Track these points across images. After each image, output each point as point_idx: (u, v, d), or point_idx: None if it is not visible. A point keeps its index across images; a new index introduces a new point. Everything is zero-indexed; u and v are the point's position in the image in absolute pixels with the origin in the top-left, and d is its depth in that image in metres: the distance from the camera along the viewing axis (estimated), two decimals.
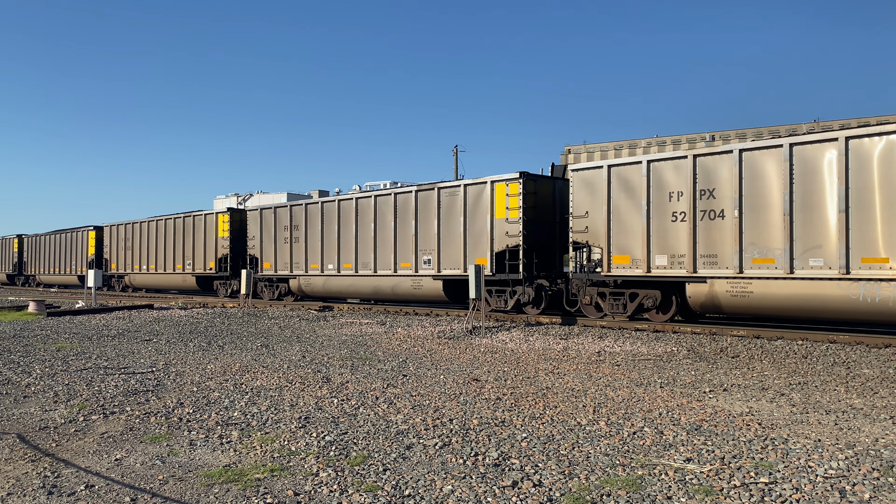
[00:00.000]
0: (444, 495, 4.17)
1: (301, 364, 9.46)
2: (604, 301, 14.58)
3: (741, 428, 5.74)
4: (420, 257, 18.25)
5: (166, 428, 5.87)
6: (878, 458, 4.80)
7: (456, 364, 9.47)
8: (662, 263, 13.38)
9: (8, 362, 9.71)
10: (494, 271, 16.33)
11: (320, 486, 4.34)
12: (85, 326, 15.12)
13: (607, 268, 14.22)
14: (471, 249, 16.91)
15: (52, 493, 4.28)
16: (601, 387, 7.69)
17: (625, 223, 13.98)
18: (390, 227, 19.12)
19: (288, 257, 22.63)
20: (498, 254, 16.33)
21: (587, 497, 4.11)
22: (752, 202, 12.24)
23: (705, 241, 12.80)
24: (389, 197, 19.25)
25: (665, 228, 13.36)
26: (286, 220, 22.80)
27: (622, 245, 14.01)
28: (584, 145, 29.73)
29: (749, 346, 10.94)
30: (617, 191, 14.09)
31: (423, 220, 18.25)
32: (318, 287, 21.62)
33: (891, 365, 9.12)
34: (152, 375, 8.56)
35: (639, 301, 13.99)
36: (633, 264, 13.82)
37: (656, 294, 13.79)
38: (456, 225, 17.34)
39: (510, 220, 16.02)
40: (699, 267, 12.86)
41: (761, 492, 4.15)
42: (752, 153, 12.25)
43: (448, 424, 5.90)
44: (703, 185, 12.86)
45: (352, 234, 20.34)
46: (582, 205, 14.72)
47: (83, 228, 35.78)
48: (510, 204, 16.03)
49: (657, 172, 13.50)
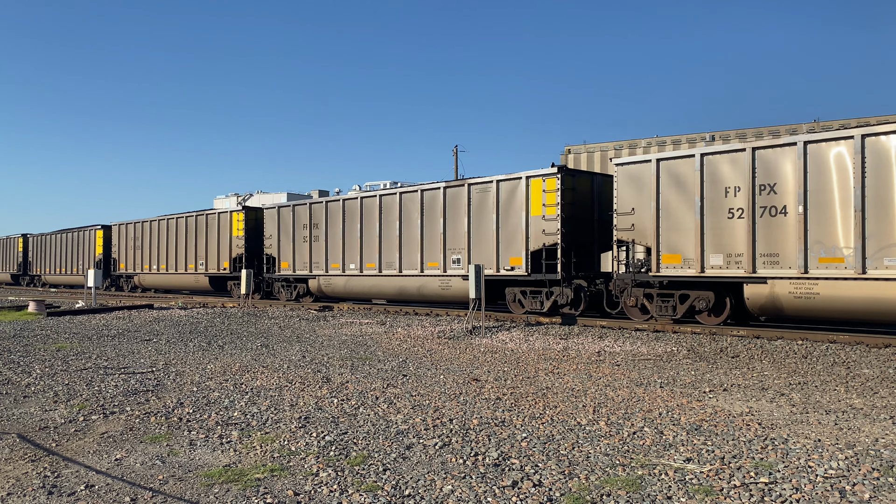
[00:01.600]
0: (444, 495, 4.17)
1: (301, 364, 9.46)
2: (650, 303, 13.85)
3: (741, 428, 5.74)
4: (449, 256, 17.54)
5: (166, 428, 5.87)
6: (878, 458, 4.80)
7: (456, 364, 9.47)
8: (717, 263, 12.63)
9: (8, 362, 9.71)
10: (530, 271, 15.62)
11: (320, 486, 4.34)
12: (85, 326, 15.12)
13: (656, 267, 13.44)
14: (504, 248, 16.20)
15: (52, 493, 4.28)
16: (601, 387, 7.69)
17: (675, 220, 13.18)
18: (416, 225, 18.38)
19: (307, 257, 21.92)
20: (533, 253, 15.62)
21: (587, 497, 4.11)
22: (818, 198, 11.47)
23: (765, 239, 12.05)
24: (416, 194, 18.47)
25: (720, 226, 12.59)
26: (305, 218, 22.10)
27: (672, 243, 13.24)
28: (584, 145, 29.71)
29: (749, 346, 10.94)
30: (666, 186, 13.30)
31: (451, 218, 17.52)
32: (339, 288, 20.94)
33: (891, 365, 9.12)
34: (152, 375, 8.56)
35: (690, 303, 13.25)
36: (685, 264, 13.05)
37: (709, 295, 13.01)
38: (487, 222, 16.63)
39: (547, 217, 15.29)
40: (759, 267, 12.10)
41: (761, 492, 4.15)
42: (818, 145, 11.53)
43: (448, 424, 5.90)
44: (763, 179, 12.10)
45: (375, 232, 19.63)
46: (627, 201, 13.92)
47: (90, 227, 35.31)
48: (547, 200, 15.29)
49: (711, 166, 12.72)
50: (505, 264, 16.17)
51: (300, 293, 22.71)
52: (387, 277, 19.30)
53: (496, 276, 16.34)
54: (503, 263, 16.20)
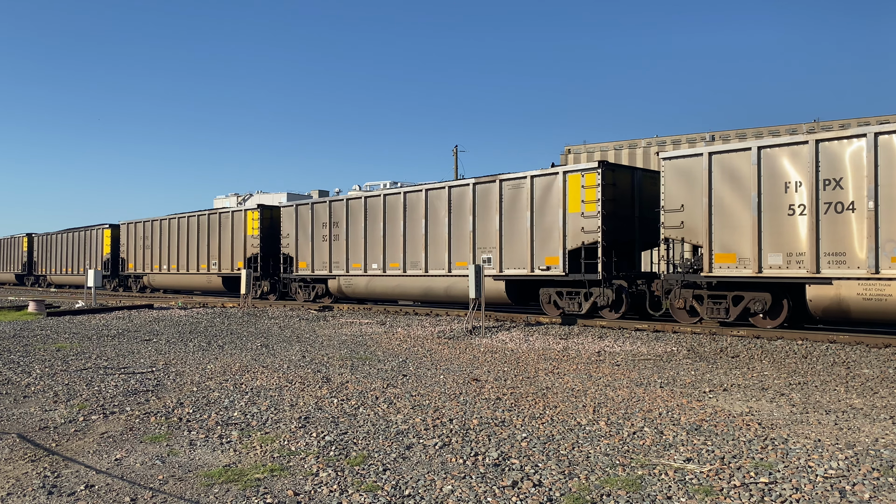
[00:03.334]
0: (444, 495, 4.17)
1: (301, 364, 9.46)
2: (700, 305, 13.16)
3: (741, 428, 5.74)
4: (478, 256, 16.93)
5: (166, 428, 5.87)
6: (878, 458, 4.80)
7: (456, 364, 9.46)
8: (776, 262, 11.92)
9: (8, 362, 9.70)
10: (567, 271, 14.99)
11: (320, 486, 4.34)
12: (85, 326, 15.12)
13: (708, 267, 12.73)
14: (539, 247, 15.57)
15: (52, 493, 4.28)
16: (601, 387, 7.69)
17: (729, 217, 12.49)
18: (444, 224, 17.76)
19: (326, 256, 21.31)
20: (571, 251, 15.00)
21: (587, 497, 4.11)
22: (890, 192, 10.83)
23: (830, 238, 11.36)
24: (443, 191, 17.87)
25: (780, 223, 11.91)
26: (325, 216, 21.48)
27: (726, 242, 12.54)
28: (584, 145, 29.72)
29: (749, 346, 10.94)
30: (719, 181, 12.60)
31: (481, 216, 16.86)
32: (360, 288, 20.29)
33: (891, 365, 9.12)
34: (152, 375, 8.55)
35: (744, 305, 12.56)
36: (740, 263, 12.34)
37: (765, 297, 12.33)
38: (521, 220, 15.97)
39: (586, 214, 14.63)
40: (823, 266, 11.42)
41: (761, 492, 4.15)
42: (890, 137, 10.89)
43: (448, 424, 5.90)
44: (828, 173, 11.42)
45: (400, 230, 18.98)
46: (676, 197, 13.21)
47: (98, 227, 34.73)
48: (586, 196, 14.64)
49: (770, 160, 12.01)
50: (540, 264, 15.57)
51: (318, 294, 22.13)
52: (412, 278, 18.66)
53: (530, 276, 15.76)
54: (538, 263, 15.61)
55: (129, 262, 31.81)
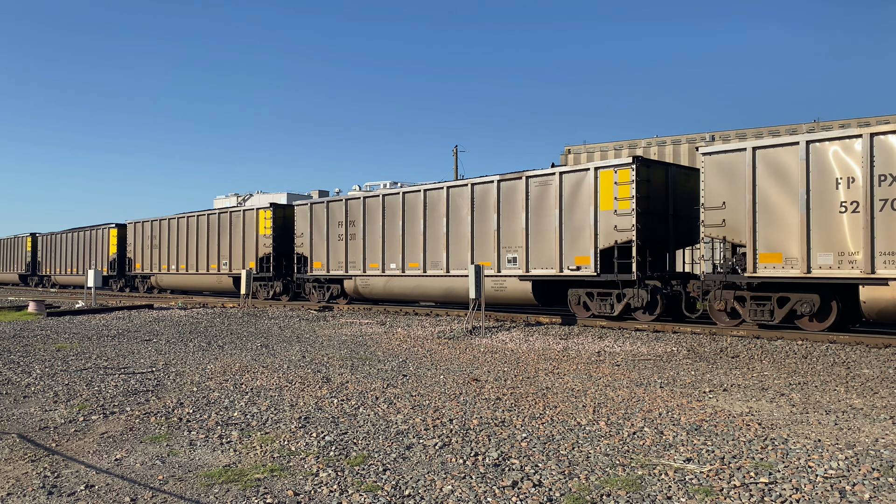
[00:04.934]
0: (444, 495, 4.17)
1: (301, 364, 9.46)
2: (742, 306, 12.65)
3: (741, 428, 5.74)
4: (503, 255, 16.35)
5: (166, 428, 5.87)
6: (878, 458, 4.80)
7: (456, 364, 9.47)
8: (826, 262, 11.38)
9: (8, 362, 9.70)
10: (599, 271, 14.45)
11: (320, 486, 4.34)
12: (85, 326, 15.12)
13: (752, 267, 12.15)
14: (568, 246, 15.03)
15: (52, 493, 4.28)
16: (601, 387, 7.69)
17: (775, 215, 11.92)
18: (466, 222, 17.24)
19: (342, 256, 20.77)
20: (603, 251, 14.45)
21: (587, 497, 4.11)
22: None
23: (887, 236, 10.84)
24: (465, 188, 17.37)
25: (830, 221, 11.37)
26: (340, 215, 20.94)
27: (771, 241, 11.97)
28: (584, 145, 29.71)
29: (749, 346, 10.94)
30: (764, 177, 12.02)
31: (506, 214, 16.35)
32: (377, 289, 19.75)
33: (891, 365, 9.12)
34: (152, 375, 8.56)
35: (790, 307, 12.04)
36: (787, 263, 11.77)
37: (814, 299, 11.79)
38: (549, 218, 15.40)
39: (619, 211, 14.09)
40: (878, 267, 10.87)
41: (761, 492, 4.15)
42: None
43: (448, 424, 5.90)
44: (883, 168, 10.88)
45: (419, 229, 18.45)
46: (717, 194, 12.65)
47: (103, 226, 34.15)
48: (619, 193, 14.08)
49: (819, 155, 11.45)
50: (569, 263, 15.05)
51: (333, 294, 21.67)
52: (432, 278, 18.07)
53: (559, 277, 15.25)
54: (567, 262, 15.08)
55: (137, 262, 31.24)
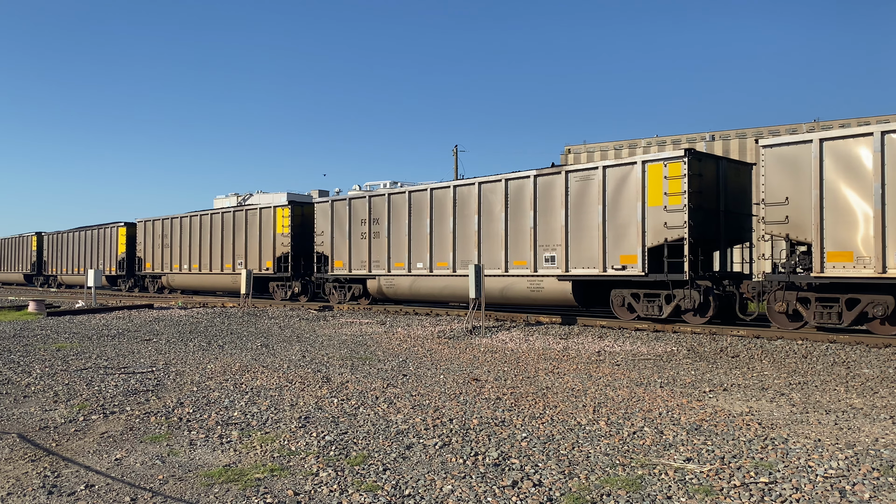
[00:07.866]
0: (444, 495, 4.17)
1: (301, 364, 9.46)
2: (806, 308, 11.92)
3: (741, 428, 5.74)
4: (540, 254, 15.57)
5: (166, 428, 5.87)
6: (878, 458, 4.80)
7: (456, 364, 9.47)
8: None
9: (8, 362, 9.70)
10: (647, 271, 13.64)
11: (320, 486, 4.34)
12: (85, 326, 15.12)
13: (819, 267, 11.41)
14: (612, 244, 14.21)
15: (52, 493, 4.28)
16: (601, 386, 7.69)
17: (844, 211, 11.20)
18: (499, 219, 16.45)
19: (366, 255, 19.98)
20: (651, 249, 13.64)
21: (587, 497, 4.11)
22: None
23: None
24: (499, 184, 16.52)
25: None
26: (363, 212, 20.14)
27: (840, 239, 11.24)
28: (584, 145, 29.72)
29: (749, 346, 10.94)
30: (832, 171, 11.29)
31: (543, 210, 15.56)
32: (403, 289, 18.94)
33: (891, 365, 9.12)
34: (152, 375, 8.56)
35: (861, 309, 11.31)
36: (858, 263, 11.06)
37: (888, 300, 11.07)
38: (591, 215, 14.60)
39: (669, 208, 13.29)
40: None
41: (761, 492, 4.15)
42: None
43: (448, 424, 5.90)
44: None
45: (449, 227, 17.66)
46: (778, 189, 11.90)
47: (112, 224, 33.35)
48: (670, 189, 13.30)
49: (895, 146, 10.73)
50: (614, 262, 14.22)
51: (356, 294, 20.90)
52: (462, 278, 17.25)
53: (602, 277, 14.43)
54: (611, 261, 14.25)
55: (147, 262, 30.38)
